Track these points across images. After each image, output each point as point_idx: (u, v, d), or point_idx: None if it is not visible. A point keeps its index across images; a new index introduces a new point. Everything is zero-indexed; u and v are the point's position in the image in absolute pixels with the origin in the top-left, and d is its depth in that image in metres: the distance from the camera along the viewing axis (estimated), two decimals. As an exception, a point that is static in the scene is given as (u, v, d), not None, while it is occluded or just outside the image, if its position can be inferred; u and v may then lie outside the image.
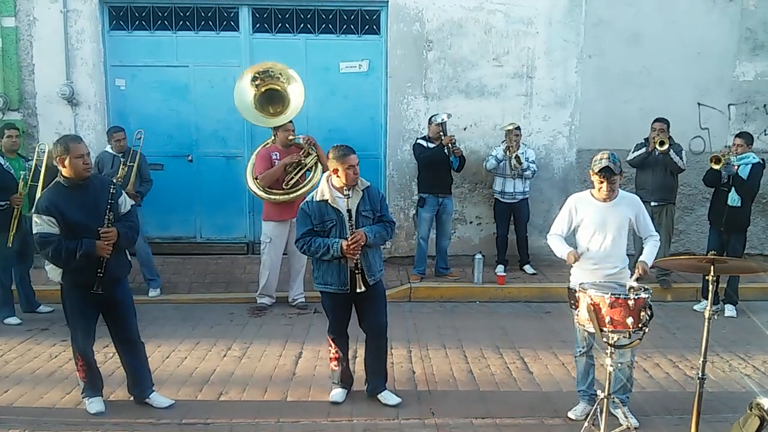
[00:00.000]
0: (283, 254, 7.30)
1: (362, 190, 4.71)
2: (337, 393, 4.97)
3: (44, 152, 6.86)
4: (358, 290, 4.62)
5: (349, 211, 4.57)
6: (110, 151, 7.50)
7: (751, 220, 7.29)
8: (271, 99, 7.16)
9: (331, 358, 5.03)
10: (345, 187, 4.58)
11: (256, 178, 6.97)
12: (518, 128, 8.07)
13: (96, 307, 4.62)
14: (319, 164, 7.02)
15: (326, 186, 4.67)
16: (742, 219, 7.09)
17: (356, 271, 4.61)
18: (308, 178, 7.03)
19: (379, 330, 4.89)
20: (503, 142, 8.13)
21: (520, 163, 7.96)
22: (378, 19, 8.63)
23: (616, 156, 4.53)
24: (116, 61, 8.56)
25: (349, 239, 4.51)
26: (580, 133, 8.71)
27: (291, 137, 6.99)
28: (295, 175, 6.98)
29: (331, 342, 4.98)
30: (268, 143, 7.20)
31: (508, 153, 7.97)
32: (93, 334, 4.70)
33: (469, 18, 8.46)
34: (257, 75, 7.11)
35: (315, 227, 4.64)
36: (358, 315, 4.91)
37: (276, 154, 7.00)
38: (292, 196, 6.94)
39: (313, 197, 4.70)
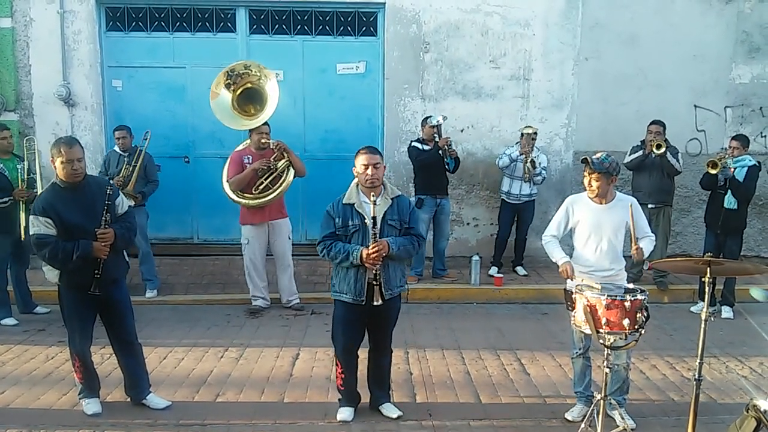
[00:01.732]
0: (269, 255, 7.30)
1: (392, 199, 4.50)
2: (346, 411, 4.71)
3: (34, 148, 6.95)
4: (374, 303, 4.40)
5: (374, 218, 4.33)
6: (117, 149, 7.53)
7: (747, 223, 7.31)
8: (250, 98, 7.09)
9: (337, 377, 4.74)
10: (372, 194, 4.41)
11: (228, 182, 6.95)
12: (535, 132, 8.04)
13: (93, 308, 4.61)
14: (291, 169, 6.96)
15: (354, 189, 4.51)
16: (738, 221, 7.12)
17: (374, 283, 4.37)
18: (278, 183, 6.93)
19: (385, 345, 4.76)
20: (517, 143, 8.13)
21: (534, 168, 7.98)
22: (375, 20, 8.64)
23: (611, 159, 4.52)
24: (113, 62, 8.56)
25: (370, 248, 4.32)
26: (577, 135, 8.73)
27: (264, 140, 6.91)
28: (265, 179, 6.91)
29: (338, 362, 4.69)
30: (244, 145, 7.16)
31: (525, 157, 7.96)
32: (90, 335, 4.69)
33: (466, 20, 8.48)
34: (228, 82, 7.01)
35: (337, 231, 4.46)
36: (367, 327, 4.67)
37: (248, 158, 6.94)
38: (261, 200, 6.90)
39: (340, 199, 4.52)
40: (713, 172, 6.92)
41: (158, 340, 6.22)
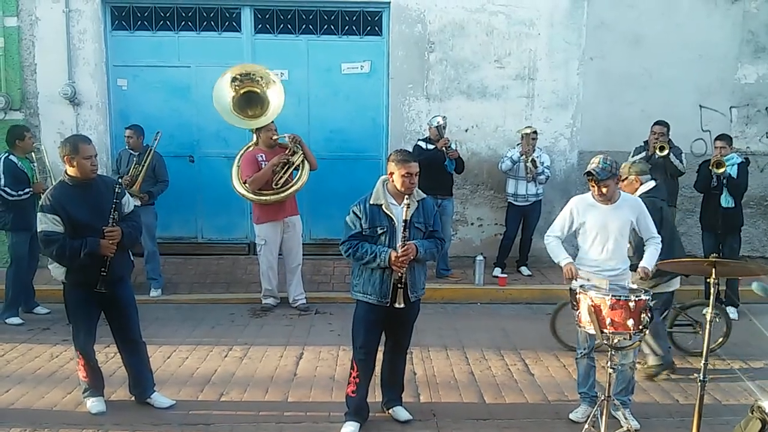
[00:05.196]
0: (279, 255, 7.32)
1: (417, 201, 4.47)
2: (350, 428, 4.50)
3: (43, 151, 7.04)
4: (397, 305, 4.34)
5: (405, 221, 4.28)
6: (128, 149, 7.58)
7: (751, 222, 7.34)
8: (250, 101, 7.19)
9: (350, 382, 4.57)
10: (405, 196, 4.35)
11: (245, 182, 6.96)
12: (535, 132, 8.05)
13: (98, 306, 4.63)
14: (306, 162, 7.03)
15: (381, 190, 4.45)
16: (736, 219, 7.24)
17: (399, 285, 4.32)
18: (296, 177, 7.02)
19: (403, 345, 4.74)
20: (518, 144, 8.12)
21: (536, 167, 7.96)
22: (380, 20, 8.63)
23: (609, 161, 4.52)
24: (118, 61, 8.57)
25: (399, 251, 4.28)
26: (582, 135, 8.71)
27: (275, 137, 7.01)
28: (284, 174, 6.97)
29: (354, 364, 4.55)
30: (250, 146, 7.20)
31: (524, 156, 7.96)
32: (94, 333, 4.71)
33: (471, 19, 8.47)
34: (237, 77, 7.13)
35: (364, 231, 4.38)
36: (386, 328, 4.63)
37: (262, 156, 7.00)
38: (282, 195, 6.95)
39: (366, 198, 4.45)
40: (719, 171, 6.99)
41: (162, 338, 6.23)
